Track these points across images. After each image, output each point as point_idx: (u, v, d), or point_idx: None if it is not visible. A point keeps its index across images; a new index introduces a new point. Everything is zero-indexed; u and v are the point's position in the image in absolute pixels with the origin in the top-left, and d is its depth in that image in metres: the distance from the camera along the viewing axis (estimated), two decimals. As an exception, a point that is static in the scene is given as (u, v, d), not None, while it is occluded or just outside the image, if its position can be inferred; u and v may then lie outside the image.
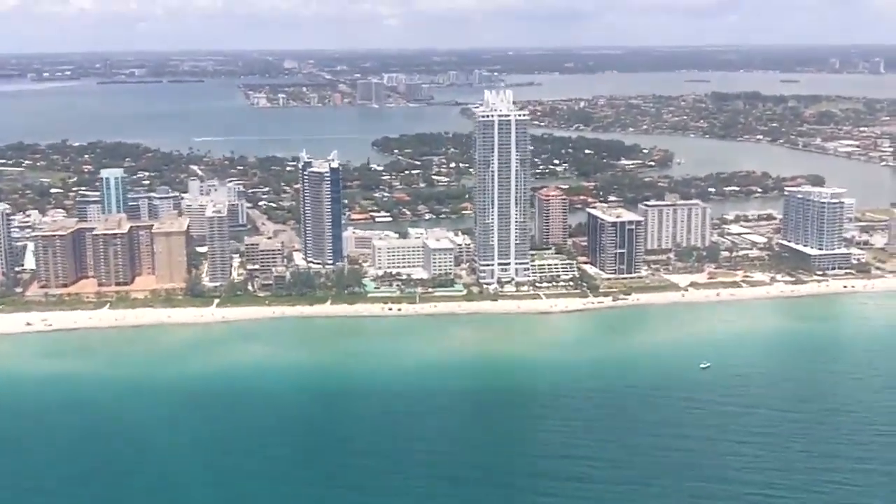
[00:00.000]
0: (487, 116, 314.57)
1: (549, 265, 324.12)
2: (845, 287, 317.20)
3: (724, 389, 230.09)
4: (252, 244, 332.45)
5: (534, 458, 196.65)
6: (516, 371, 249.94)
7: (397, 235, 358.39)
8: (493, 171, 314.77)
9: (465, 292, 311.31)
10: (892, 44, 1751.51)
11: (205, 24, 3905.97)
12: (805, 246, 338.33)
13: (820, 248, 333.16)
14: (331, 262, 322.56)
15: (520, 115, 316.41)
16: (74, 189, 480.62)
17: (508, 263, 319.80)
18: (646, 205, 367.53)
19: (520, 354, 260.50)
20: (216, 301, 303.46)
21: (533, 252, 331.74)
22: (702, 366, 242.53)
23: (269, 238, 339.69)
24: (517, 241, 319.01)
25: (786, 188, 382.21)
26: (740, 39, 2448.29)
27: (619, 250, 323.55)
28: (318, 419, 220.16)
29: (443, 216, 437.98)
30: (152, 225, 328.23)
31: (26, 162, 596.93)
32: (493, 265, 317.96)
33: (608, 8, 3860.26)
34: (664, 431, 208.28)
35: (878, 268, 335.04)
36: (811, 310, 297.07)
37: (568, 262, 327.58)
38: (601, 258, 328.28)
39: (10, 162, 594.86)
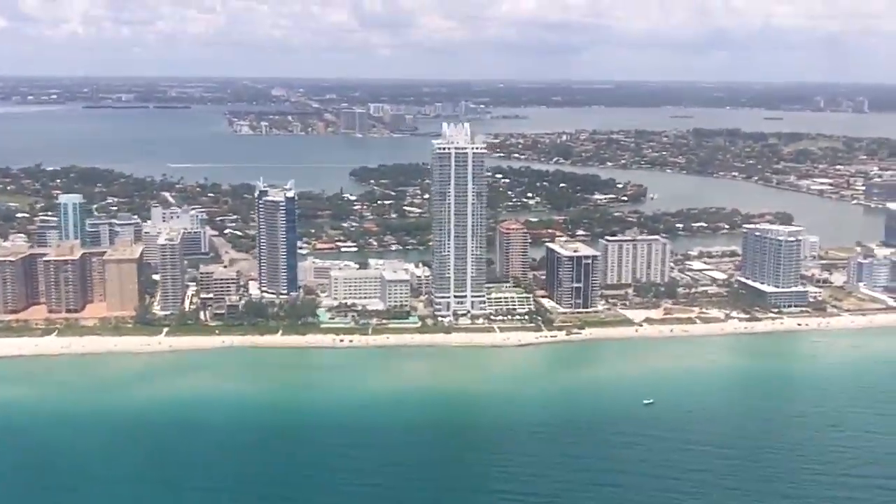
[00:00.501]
0: (444, 149, 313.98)
1: (505, 298, 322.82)
2: (799, 325, 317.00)
3: (664, 425, 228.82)
4: (206, 272, 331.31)
5: (471, 494, 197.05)
6: (462, 405, 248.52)
7: (357, 266, 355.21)
8: (449, 204, 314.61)
9: (419, 324, 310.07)
10: (876, 83, 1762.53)
11: (198, 51, 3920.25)
12: (762, 283, 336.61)
13: (776, 286, 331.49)
14: (285, 291, 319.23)
15: (476, 148, 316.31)
16: (40, 214, 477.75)
17: (465, 296, 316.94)
18: (606, 239, 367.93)
19: (468, 388, 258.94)
20: (165, 330, 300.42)
21: (491, 285, 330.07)
22: (645, 402, 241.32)
23: (225, 267, 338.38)
24: (473, 274, 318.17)
25: (743, 226, 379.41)
26: (728, 76, 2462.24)
27: (575, 284, 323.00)
28: (258, 452, 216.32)
29: (410, 247, 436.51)
30: (105, 252, 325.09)
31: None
32: (448, 297, 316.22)
33: (600, 42, 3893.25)
34: (600, 467, 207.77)
35: (834, 306, 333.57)
36: (762, 347, 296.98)
37: (524, 295, 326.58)
38: (558, 292, 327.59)
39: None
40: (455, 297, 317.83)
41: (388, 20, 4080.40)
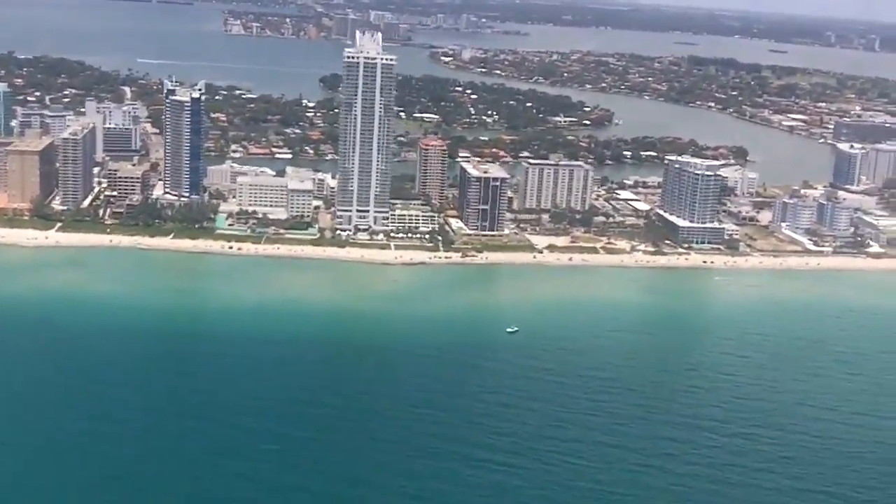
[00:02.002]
0: (353, 58, 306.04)
1: (409, 216, 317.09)
2: (705, 262, 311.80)
3: (518, 353, 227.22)
4: (113, 170, 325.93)
5: (307, 407, 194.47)
6: (326, 320, 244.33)
7: (274, 174, 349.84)
8: (355, 115, 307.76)
9: (317, 236, 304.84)
10: (891, 22, 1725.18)
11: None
12: (678, 217, 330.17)
13: (691, 221, 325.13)
14: (187, 194, 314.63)
15: (386, 59, 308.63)
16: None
17: (368, 211, 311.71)
18: (528, 163, 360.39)
19: (338, 303, 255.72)
20: (59, 225, 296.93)
21: (398, 201, 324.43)
22: (508, 330, 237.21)
23: (134, 165, 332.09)
24: (377, 189, 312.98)
25: (666, 158, 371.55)
26: (750, 6, 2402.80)
27: (482, 206, 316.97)
28: (112, 355, 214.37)
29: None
30: (11, 143, 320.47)
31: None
32: (350, 211, 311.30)
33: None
34: (435, 388, 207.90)
35: (749, 245, 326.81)
36: (656, 282, 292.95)
37: (430, 214, 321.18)
38: (466, 213, 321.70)
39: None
40: (358, 211, 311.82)
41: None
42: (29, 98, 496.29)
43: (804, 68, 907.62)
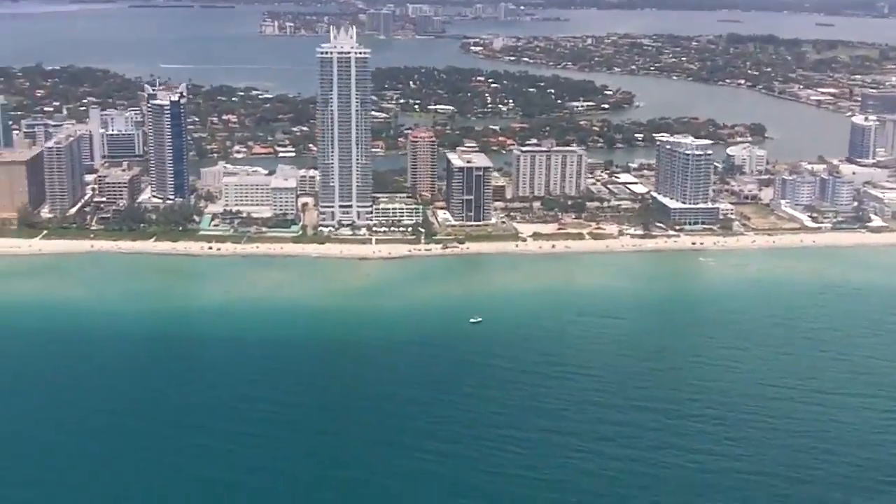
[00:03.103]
0: (326, 53, 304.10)
1: (393, 209, 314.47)
2: (693, 244, 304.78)
3: (478, 344, 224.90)
4: (102, 176, 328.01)
5: (253, 403, 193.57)
6: (296, 316, 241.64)
7: (266, 173, 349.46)
8: (332, 111, 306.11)
9: (299, 234, 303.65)
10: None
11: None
12: (671, 198, 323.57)
13: (683, 202, 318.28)
14: (172, 197, 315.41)
15: (360, 53, 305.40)
16: (15, 112, 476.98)
17: (350, 206, 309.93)
18: (519, 150, 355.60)
19: (299, 300, 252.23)
20: (44, 233, 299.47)
21: (383, 195, 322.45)
22: (472, 320, 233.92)
23: (124, 170, 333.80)
24: (359, 184, 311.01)
25: (657, 139, 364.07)
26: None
27: (466, 196, 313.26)
28: (72, 359, 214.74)
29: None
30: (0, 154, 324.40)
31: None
32: (333, 207, 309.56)
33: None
34: (378, 378, 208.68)
35: (744, 224, 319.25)
36: (637, 266, 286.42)
37: (414, 206, 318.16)
38: (452, 204, 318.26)
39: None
40: (340, 206, 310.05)
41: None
42: (46, 108, 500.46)
43: (848, 41, 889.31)
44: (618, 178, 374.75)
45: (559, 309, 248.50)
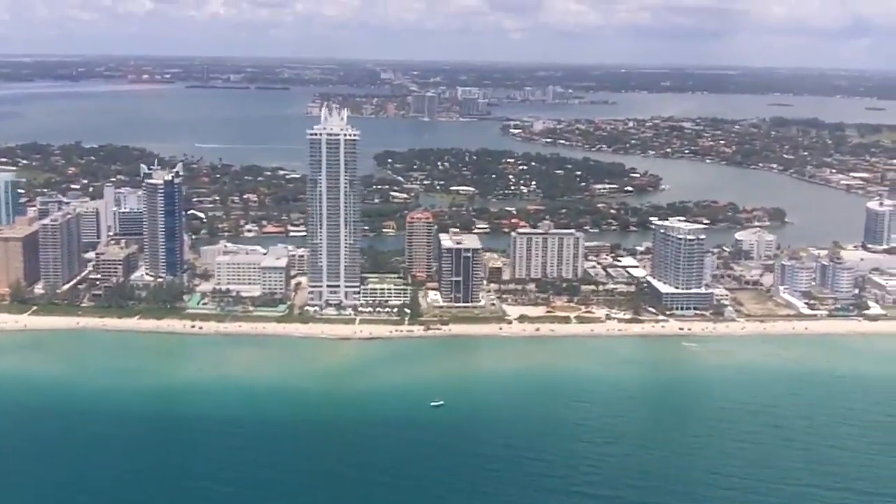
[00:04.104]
0: (316, 134, 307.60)
1: (381, 289, 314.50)
2: (681, 329, 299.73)
3: (435, 428, 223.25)
4: (99, 253, 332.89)
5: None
6: (247, 397, 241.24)
7: (265, 252, 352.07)
8: (321, 191, 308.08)
9: (284, 313, 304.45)
10: None
11: (331, 34, 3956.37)
12: (665, 283, 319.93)
13: (676, 286, 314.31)
14: (164, 274, 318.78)
15: (349, 135, 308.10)
16: (40, 190, 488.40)
17: (338, 286, 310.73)
18: (517, 232, 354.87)
19: (268, 381, 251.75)
20: (33, 309, 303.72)
21: (373, 275, 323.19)
22: (433, 404, 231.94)
23: (121, 248, 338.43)
24: (347, 264, 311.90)
25: (652, 223, 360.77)
26: (870, 64, 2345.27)
27: (455, 278, 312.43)
28: (35, 434, 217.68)
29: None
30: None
31: (24, 162, 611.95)
32: (321, 287, 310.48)
33: (736, 27, 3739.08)
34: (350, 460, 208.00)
35: (738, 310, 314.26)
36: (613, 350, 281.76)
37: (402, 287, 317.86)
38: (442, 285, 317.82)
39: (8, 161, 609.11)
40: (329, 286, 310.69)
41: (516, 3, 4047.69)
42: (73, 186, 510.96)
43: (894, 125, 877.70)
44: (619, 261, 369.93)
45: (526, 392, 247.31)
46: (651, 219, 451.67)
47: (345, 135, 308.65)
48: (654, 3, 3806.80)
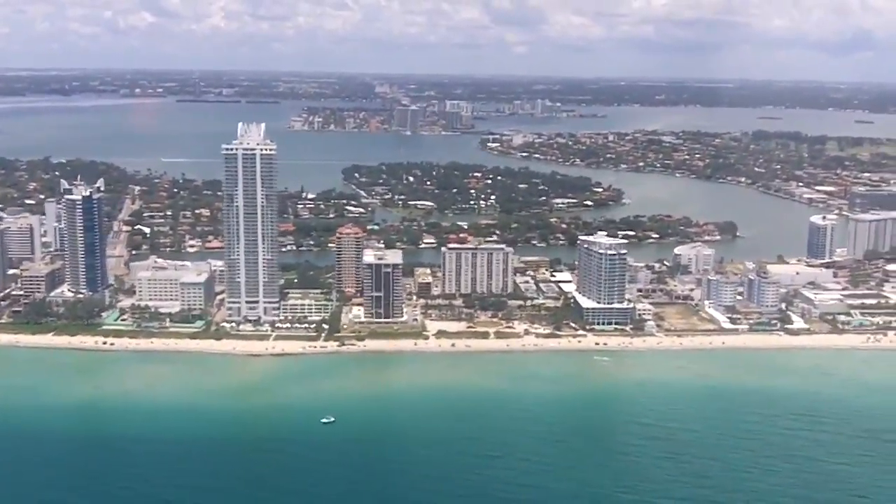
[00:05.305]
0: (231, 149, 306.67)
1: (301, 305, 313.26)
2: (597, 344, 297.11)
3: (320, 443, 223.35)
4: (24, 269, 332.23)
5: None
6: (144, 414, 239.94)
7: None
8: (237, 207, 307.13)
9: (201, 329, 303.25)
10: None
11: (333, 48, 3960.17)
12: (587, 298, 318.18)
13: (597, 301, 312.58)
14: (84, 291, 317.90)
15: (265, 150, 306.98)
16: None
17: (257, 301, 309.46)
18: (447, 248, 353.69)
19: (168, 398, 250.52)
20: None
21: (296, 291, 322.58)
22: (323, 421, 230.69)
23: (46, 264, 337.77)
24: (265, 279, 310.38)
25: (580, 238, 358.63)
26: (871, 77, 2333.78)
27: (375, 293, 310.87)
28: None
29: (304, 248, 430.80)
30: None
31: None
32: (239, 303, 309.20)
33: (736, 40, 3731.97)
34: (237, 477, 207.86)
35: (658, 325, 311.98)
36: (520, 366, 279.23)
37: (323, 302, 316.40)
38: (365, 300, 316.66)
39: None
40: (248, 302, 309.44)
41: (518, 17, 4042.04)
42: (28, 201, 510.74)
43: (876, 138, 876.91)
44: (554, 276, 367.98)
45: (421, 408, 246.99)
46: (599, 232, 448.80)
47: (261, 150, 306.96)
48: (656, 16, 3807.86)
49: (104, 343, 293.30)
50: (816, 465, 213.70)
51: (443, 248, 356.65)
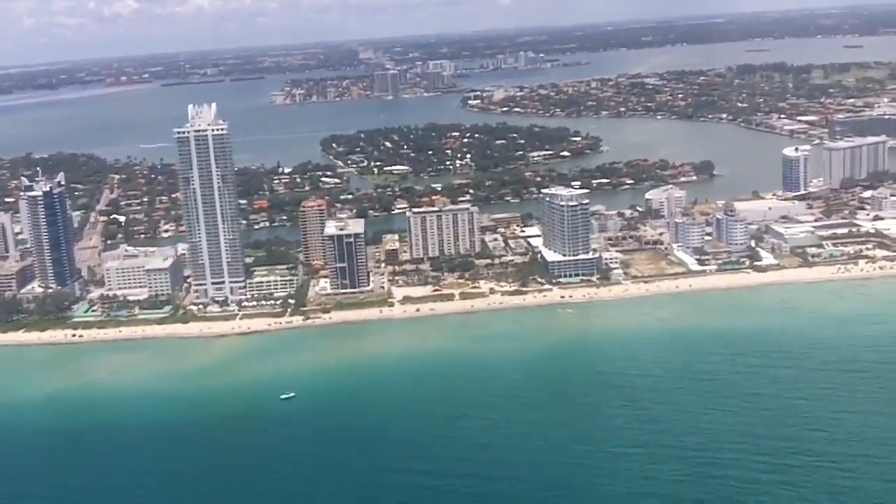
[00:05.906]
0: (183, 132, 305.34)
1: (267, 282, 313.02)
2: (562, 297, 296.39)
3: (281, 418, 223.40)
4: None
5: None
6: (107, 403, 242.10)
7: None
8: (194, 189, 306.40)
9: (169, 314, 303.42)
10: None
11: (318, 17, 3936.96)
12: (552, 251, 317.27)
13: (562, 254, 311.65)
14: (53, 285, 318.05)
15: (217, 130, 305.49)
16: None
17: (223, 282, 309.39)
18: (411, 211, 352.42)
19: (133, 384, 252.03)
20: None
21: (261, 269, 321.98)
22: (283, 396, 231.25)
23: (17, 261, 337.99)
24: (229, 259, 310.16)
25: (541, 190, 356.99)
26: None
27: (339, 264, 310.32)
28: None
29: (277, 224, 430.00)
30: None
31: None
32: (205, 284, 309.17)
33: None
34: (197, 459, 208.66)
35: (626, 273, 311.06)
36: (485, 325, 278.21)
37: (289, 278, 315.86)
38: (330, 272, 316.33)
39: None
40: (213, 283, 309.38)
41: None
42: (7, 199, 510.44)
43: (864, 62, 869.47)
44: (523, 231, 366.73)
45: (380, 375, 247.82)
46: (573, 184, 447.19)
47: (213, 130, 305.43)
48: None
49: (73, 336, 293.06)
50: (774, 402, 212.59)
51: (407, 213, 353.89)
